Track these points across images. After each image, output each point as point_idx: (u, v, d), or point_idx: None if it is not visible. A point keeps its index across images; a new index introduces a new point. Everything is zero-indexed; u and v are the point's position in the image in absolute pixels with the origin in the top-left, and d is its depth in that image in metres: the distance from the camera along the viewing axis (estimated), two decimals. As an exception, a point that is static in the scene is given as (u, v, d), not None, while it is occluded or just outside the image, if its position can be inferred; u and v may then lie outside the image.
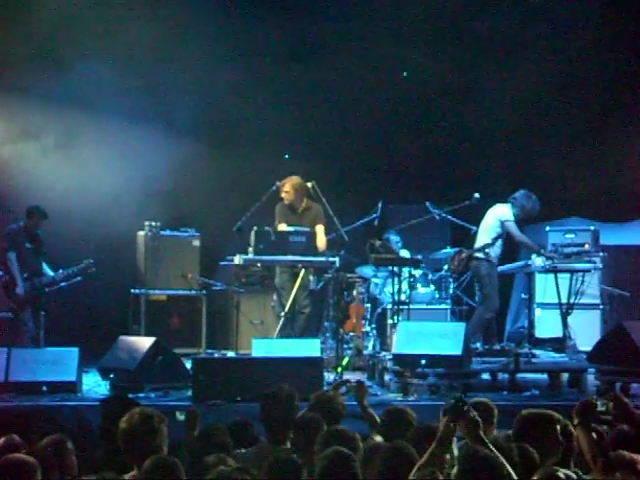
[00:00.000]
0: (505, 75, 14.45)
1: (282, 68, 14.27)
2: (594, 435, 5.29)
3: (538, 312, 13.29)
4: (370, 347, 12.67)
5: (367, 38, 14.36)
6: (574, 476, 5.25)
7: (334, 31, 14.16)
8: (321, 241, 11.98)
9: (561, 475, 5.05)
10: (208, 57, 13.61)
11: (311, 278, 12.06)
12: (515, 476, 4.89)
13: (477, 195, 12.32)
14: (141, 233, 13.59)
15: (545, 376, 11.03)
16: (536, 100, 14.72)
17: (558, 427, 5.73)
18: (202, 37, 13.59)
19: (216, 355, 12.62)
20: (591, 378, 10.83)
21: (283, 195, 12.09)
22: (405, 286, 12.45)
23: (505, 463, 4.87)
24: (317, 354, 10.65)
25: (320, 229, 12.05)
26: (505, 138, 14.98)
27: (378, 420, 7.09)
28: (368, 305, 13.37)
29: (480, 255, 11.90)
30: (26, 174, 13.01)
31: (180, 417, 6.61)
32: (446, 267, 13.11)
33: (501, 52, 14.44)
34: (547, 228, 13.47)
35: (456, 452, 5.79)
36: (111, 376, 10.45)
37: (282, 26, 13.90)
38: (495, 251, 11.89)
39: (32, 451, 5.59)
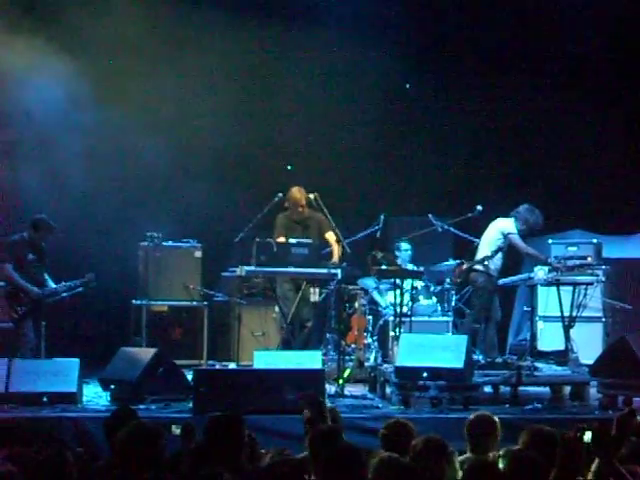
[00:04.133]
0: (507, 85, 14.46)
1: (285, 78, 14.30)
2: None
3: (540, 325, 13.25)
4: (372, 359, 12.62)
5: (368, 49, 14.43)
6: None
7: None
8: (335, 251, 11.90)
9: None
10: (214, 68, 13.69)
11: (314, 290, 11.94)
12: None
13: (479, 207, 12.30)
14: (143, 244, 13.56)
15: (547, 389, 11.03)
16: (539, 112, 14.74)
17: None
18: (202, 48, 13.64)
19: (217, 366, 12.59)
20: (593, 391, 10.81)
21: (300, 205, 11.94)
22: (407, 298, 12.43)
23: None
24: (318, 366, 10.62)
25: (331, 237, 11.98)
26: (508, 150, 14.98)
27: None
28: (370, 317, 13.33)
29: (479, 267, 11.88)
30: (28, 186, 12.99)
31: (176, 431, 6.58)
32: (448, 280, 13.08)
33: (502, 62, 14.49)
34: (550, 241, 13.43)
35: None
36: (112, 387, 10.41)
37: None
38: (495, 264, 11.86)
39: (32, 463, 5.55)
